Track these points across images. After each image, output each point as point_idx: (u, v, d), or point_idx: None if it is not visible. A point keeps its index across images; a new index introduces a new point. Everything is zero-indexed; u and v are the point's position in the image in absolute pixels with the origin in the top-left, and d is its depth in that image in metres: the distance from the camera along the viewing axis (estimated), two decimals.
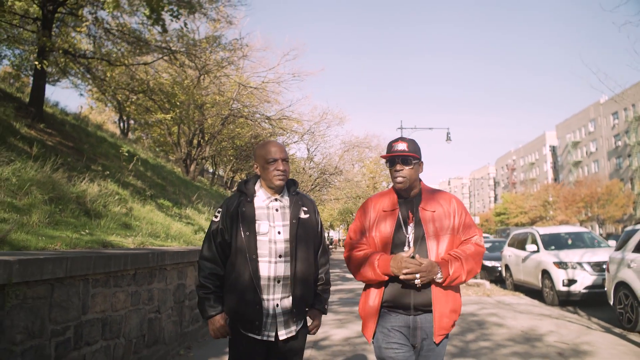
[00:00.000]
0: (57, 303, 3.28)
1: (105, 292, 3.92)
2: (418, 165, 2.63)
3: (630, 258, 7.81)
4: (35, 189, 6.26)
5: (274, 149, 2.67)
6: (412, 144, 2.63)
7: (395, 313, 2.53)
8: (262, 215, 2.61)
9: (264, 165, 2.65)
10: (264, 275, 2.54)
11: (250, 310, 2.52)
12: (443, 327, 2.49)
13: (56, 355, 3.25)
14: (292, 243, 2.61)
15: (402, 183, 2.58)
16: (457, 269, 2.46)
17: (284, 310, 2.58)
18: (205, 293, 2.61)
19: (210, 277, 2.62)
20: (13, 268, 2.76)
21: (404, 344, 2.51)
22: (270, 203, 2.66)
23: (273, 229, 2.60)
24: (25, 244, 3.95)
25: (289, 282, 2.58)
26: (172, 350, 5.36)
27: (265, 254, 2.56)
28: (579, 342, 6.36)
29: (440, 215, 2.57)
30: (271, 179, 2.64)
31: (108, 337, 3.96)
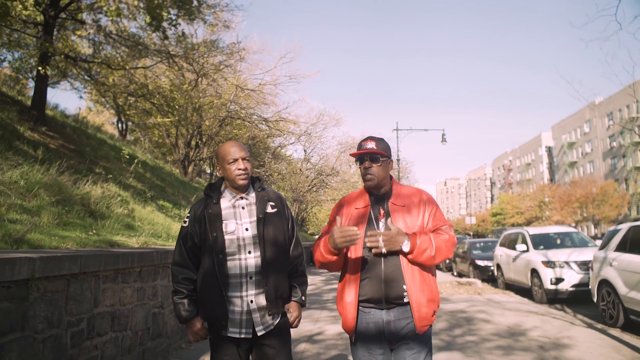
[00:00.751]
0: (73, 296, 3.59)
1: (114, 288, 4.24)
2: (387, 163, 2.68)
3: (612, 257, 8.15)
4: (42, 192, 6.57)
5: (233, 149, 2.71)
6: (381, 143, 2.68)
7: (368, 309, 2.56)
8: (228, 215, 2.67)
9: (225, 166, 2.70)
10: (235, 272, 2.59)
11: (217, 310, 2.58)
12: (423, 317, 2.50)
13: (72, 344, 3.57)
14: (262, 238, 2.64)
15: (371, 180, 2.62)
16: (424, 241, 2.46)
17: (259, 306, 2.61)
18: (179, 298, 2.68)
19: (183, 282, 2.69)
20: (36, 264, 3.07)
21: (381, 343, 2.55)
22: (236, 202, 2.72)
23: (240, 226, 2.65)
24: (40, 243, 4.27)
25: (261, 277, 2.61)
26: (174, 344, 5.68)
27: (234, 252, 2.61)
28: (561, 337, 6.70)
29: (410, 209, 2.62)
30: (234, 179, 2.68)
31: (117, 329, 4.28)
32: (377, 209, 2.65)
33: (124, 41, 13.88)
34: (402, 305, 2.51)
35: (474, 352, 5.81)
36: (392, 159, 2.74)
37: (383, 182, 2.67)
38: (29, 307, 3.09)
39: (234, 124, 25.82)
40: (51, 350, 3.31)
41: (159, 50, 14.23)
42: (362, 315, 2.56)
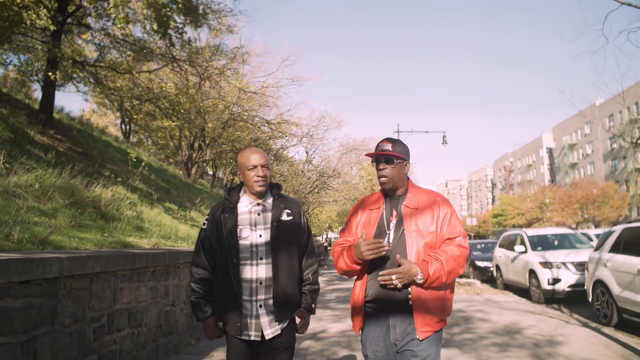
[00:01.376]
0: (95, 294, 3.86)
1: (130, 286, 4.51)
2: (402, 165, 2.66)
3: (606, 258, 8.40)
4: (57, 195, 6.84)
5: (254, 156, 2.77)
6: (398, 145, 2.68)
7: (377, 311, 2.57)
8: (244, 220, 2.73)
9: (245, 172, 2.77)
10: (246, 277, 2.65)
11: (232, 312, 2.66)
12: (425, 322, 2.47)
13: (94, 338, 3.84)
14: (275, 245, 2.70)
15: (386, 182, 2.63)
16: (437, 270, 2.42)
17: (268, 311, 2.66)
18: (196, 297, 2.77)
19: (200, 282, 2.77)
20: (64, 264, 3.34)
21: (385, 343, 2.55)
22: (252, 208, 2.77)
23: (254, 232, 2.71)
24: (61, 244, 4.54)
25: (271, 283, 2.66)
26: (184, 340, 5.94)
27: (247, 257, 2.67)
28: (555, 335, 6.96)
29: (423, 212, 2.59)
30: (252, 185, 2.74)
31: (133, 325, 4.55)
32: (390, 210, 2.64)
33: (130, 45, 14.15)
34: (408, 308, 2.50)
35: (470, 349, 6.07)
36: (408, 161, 2.72)
37: (398, 184, 2.66)
38: (58, 303, 3.36)
39: (237, 126, 26.07)
40: (77, 343, 3.58)
41: (164, 55, 14.50)
42: (370, 317, 2.60)
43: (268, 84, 25.75)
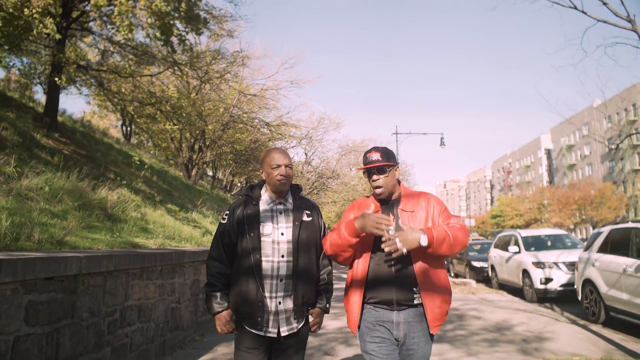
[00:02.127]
0: (108, 290, 4.16)
1: (140, 284, 4.80)
2: (394, 171, 2.75)
3: (594, 258, 8.71)
4: (66, 197, 7.13)
5: (278, 156, 2.85)
6: (385, 152, 2.75)
7: (378, 308, 2.63)
8: (266, 218, 2.77)
9: (268, 170, 2.82)
10: (267, 274, 2.69)
11: (253, 307, 2.67)
12: (436, 318, 2.60)
13: (108, 331, 4.13)
14: (294, 244, 2.75)
15: (382, 192, 2.71)
16: (440, 232, 2.51)
17: (286, 308, 2.71)
18: (212, 291, 2.80)
19: (217, 276, 2.80)
20: (82, 262, 3.64)
21: (387, 338, 2.61)
22: (274, 206, 2.83)
23: (276, 230, 2.76)
24: (75, 244, 4.84)
25: (290, 281, 2.72)
26: (189, 336, 6.24)
27: (268, 254, 2.71)
28: (544, 331, 7.26)
29: (419, 214, 2.68)
30: (275, 183, 2.80)
31: (142, 320, 4.84)
32: (387, 215, 2.68)
33: (132, 50, 14.45)
34: (412, 307, 2.60)
35: (462, 344, 6.37)
36: (397, 165, 2.80)
37: (392, 189, 2.75)
38: (77, 298, 3.66)
39: (237, 127, 26.36)
40: (93, 336, 3.88)
41: (165, 59, 14.80)
42: (371, 313, 2.66)
43: (268, 87, 26.05)
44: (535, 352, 5.91)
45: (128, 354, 4.52)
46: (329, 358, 5.61)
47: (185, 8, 9.96)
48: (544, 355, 5.76)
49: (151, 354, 5.06)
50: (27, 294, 3.11)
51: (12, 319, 2.96)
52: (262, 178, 2.92)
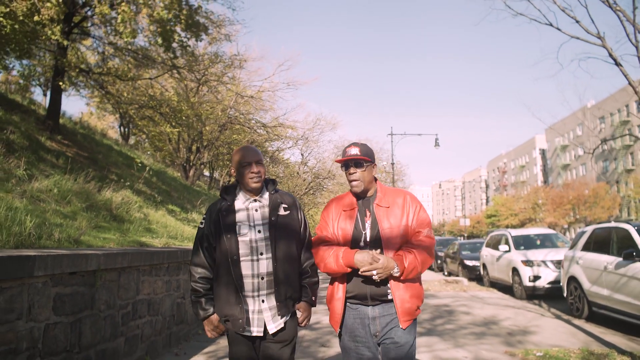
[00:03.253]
0: (122, 285, 4.53)
1: (149, 280, 5.17)
2: (371, 167, 2.79)
3: (578, 256, 9.11)
4: (74, 199, 7.49)
5: (247, 153, 2.81)
6: (364, 148, 2.80)
7: (356, 305, 2.72)
8: (242, 217, 2.77)
9: (239, 169, 2.80)
10: (247, 273, 2.69)
11: (234, 309, 2.70)
12: (406, 312, 2.65)
13: (122, 322, 4.51)
14: (272, 240, 2.75)
15: (357, 185, 2.76)
16: (411, 262, 2.59)
17: (270, 306, 2.72)
18: (196, 297, 2.79)
19: (200, 281, 2.78)
20: (100, 259, 4.01)
21: (366, 336, 2.69)
22: (249, 204, 2.82)
23: (253, 228, 2.76)
24: (89, 242, 5.20)
25: (272, 278, 2.72)
26: (192, 330, 6.61)
27: (247, 254, 2.70)
28: (529, 325, 7.67)
29: (394, 210, 2.74)
30: (247, 182, 2.78)
31: (151, 313, 5.21)
32: (364, 211, 2.78)
33: (133, 54, 14.80)
34: (386, 302, 2.67)
35: (450, 337, 6.76)
36: (375, 162, 2.85)
37: (369, 185, 2.80)
38: (96, 292, 4.03)
39: (234, 128, 26.70)
40: (109, 326, 4.25)
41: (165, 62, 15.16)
42: (349, 311, 2.74)
43: (264, 88, 26.40)
44: (518, 344, 6.31)
45: (139, 344, 4.89)
46: (324, 349, 5.99)
47: (186, 15, 10.33)
48: (526, 347, 6.15)
49: (159, 345, 5.43)
50: (55, 286, 3.47)
51: (43, 309, 3.33)
52: (236, 177, 2.88)
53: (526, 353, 5.72)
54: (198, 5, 11.19)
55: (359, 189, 2.77)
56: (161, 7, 9.67)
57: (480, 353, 5.82)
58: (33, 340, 3.22)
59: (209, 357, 5.50)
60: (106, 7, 9.15)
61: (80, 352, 3.77)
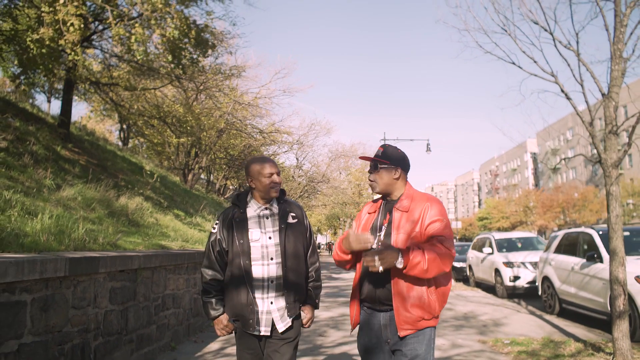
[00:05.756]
0: (154, 282, 5.42)
1: (174, 278, 6.07)
2: (389, 170, 2.74)
3: (551, 257, 10.07)
4: (97, 206, 8.35)
5: (269, 164, 2.96)
6: (388, 151, 2.79)
7: (370, 310, 2.73)
8: (254, 224, 2.91)
9: (260, 179, 2.91)
10: (258, 277, 2.84)
11: (245, 310, 2.82)
12: (404, 321, 2.56)
13: (154, 313, 5.40)
14: (282, 246, 2.90)
15: (371, 186, 2.81)
16: (417, 255, 2.43)
17: (279, 307, 2.86)
18: (207, 297, 2.92)
19: (211, 283, 2.92)
20: (140, 260, 4.90)
21: (379, 339, 2.68)
22: (261, 212, 2.96)
23: (264, 234, 2.90)
24: (123, 246, 6.07)
25: (281, 282, 2.87)
26: (206, 322, 7.51)
27: (258, 258, 2.85)
28: (503, 319, 8.62)
29: (412, 214, 2.66)
30: (267, 191, 2.92)
31: (175, 306, 6.11)
32: (385, 214, 2.77)
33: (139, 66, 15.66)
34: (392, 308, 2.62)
35: None
36: (399, 167, 2.78)
37: (387, 188, 2.78)
38: (137, 286, 4.93)
39: (231, 133, 27.54)
40: (146, 315, 5.15)
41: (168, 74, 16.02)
42: (365, 315, 2.77)
43: (261, 95, 27.28)
44: (490, 334, 7.25)
45: (166, 332, 5.79)
46: (322, 338, 6.90)
47: (195, 35, 11.21)
48: (497, 336, 7.09)
49: (180, 334, 6.33)
50: (110, 281, 4.37)
51: (103, 298, 4.23)
52: (251, 185, 2.99)
53: (496, 341, 6.66)
54: (205, 24, 12.07)
55: (373, 190, 2.82)
56: (172, 27, 10.54)
57: (457, 341, 6.74)
58: (97, 322, 4.12)
59: (223, 344, 6.39)
60: (122, 29, 10.01)
61: (127, 335, 4.67)
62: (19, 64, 11.28)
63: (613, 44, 5.60)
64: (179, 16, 10.54)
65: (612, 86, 5.65)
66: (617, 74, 5.59)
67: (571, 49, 5.92)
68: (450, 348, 6.34)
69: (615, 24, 5.61)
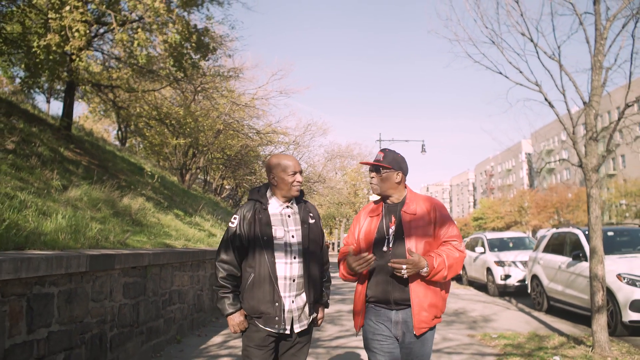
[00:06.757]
0: (162, 278, 5.76)
1: (179, 274, 6.41)
2: (390, 174, 2.83)
3: (540, 257, 10.45)
4: (103, 206, 8.67)
5: (294, 163, 2.96)
6: (389, 155, 2.88)
7: (379, 307, 2.78)
8: (277, 222, 2.88)
9: (283, 177, 2.90)
10: (281, 275, 2.82)
11: (271, 307, 2.79)
12: (422, 320, 2.67)
13: (162, 307, 5.75)
14: (305, 245, 2.89)
15: (374, 189, 2.87)
16: (440, 263, 2.62)
17: (298, 306, 2.85)
18: (224, 293, 2.86)
19: (229, 278, 2.87)
20: (150, 257, 5.24)
21: (388, 335, 2.74)
22: (283, 210, 2.94)
23: (287, 233, 2.88)
24: (131, 244, 6.41)
25: (302, 281, 2.86)
26: (208, 317, 7.85)
27: (281, 256, 2.83)
28: (492, 315, 8.99)
29: (421, 217, 2.75)
30: (290, 189, 2.91)
31: (181, 302, 6.46)
32: (390, 217, 2.84)
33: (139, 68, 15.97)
34: (409, 307, 2.71)
35: None
36: (400, 171, 2.88)
37: (388, 191, 2.86)
38: (146, 282, 5.27)
39: (228, 134, 27.84)
40: (154, 310, 5.49)
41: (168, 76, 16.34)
42: (371, 312, 2.83)
43: (258, 96, 27.61)
44: (479, 329, 7.61)
45: (172, 325, 6.13)
46: (319, 332, 7.24)
47: (196, 39, 11.54)
48: (485, 331, 7.46)
49: (185, 328, 6.67)
50: (124, 277, 4.71)
51: (117, 293, 4.57)
52: (272, 183, 2.98)
53: (484, 335, 7.03)
54: (205, 28, 12.41)
55: (375, 192, 2.90)
56: (174, 32, 10.86)
57: (448, 335, 7.10)
58: (113, 314, 4.46)
59: (226, 338, 6.74)
60: (126, 34, 10.32)
61: (138, 327, 5.01)
62: (25, 69, 11.55)
63: (594, 55, 5.98)
64: (180, 21, 10.86)
65: (592, 95, 6.03)
66: (597, 84, 5.97)
67: (555, 59, 6.29)
68: (441, 342, 6.69)
69: (596, 37, 5.98)
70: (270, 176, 2.95)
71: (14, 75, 23.90)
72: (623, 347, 6.19)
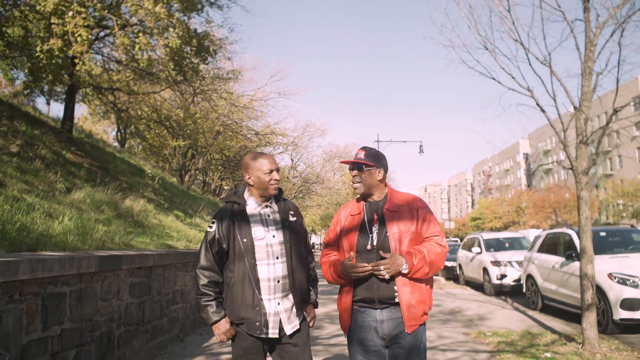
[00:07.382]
0: (165, 278, 5.95)
1: (182, 275, 6.59)
2: (374, 172, 2.80)
3: (535, 256, 10.64)
4: (106, 208, 8.84)
5: (269, 161, 2.91)
6: (370, 153, 2.85)
7: (364, 308, 2.74)
8: (256, 222, 2.82)
9: (259, 176, 2.84)
10: (264, 277, 2.75)
11: (251, 312, 2.72)
12: (412, 317, 2.66)
13: (166, 306, 5.92)
14: (287, 244, 2.84)
15: (357, 187, 2.85)
16: (420, 260, 2.61)
17: (286, 308, 2.78)
18: (207, 300, 2.77)
19: (210, 285, 2.78)
20: (154, 258, 5.42)
21: (374, 338, 2.72)
22: (262, 210, 2.88)
23: (268, 233, 2.81)
24: (135, 245, 6.59)
25: (287, 281, 2.80)
26: None
27: (263, 257, 2.76)
28: (487, 314, 9.18)
29: (403, 214, 2.75)
30: (267, 188, 2.85)
31: (184, 301, 6.64)
32: (372, 214, 2.81)
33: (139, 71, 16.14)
34: (394, 305, 2.68)
35: None
36: (382, 168, 2.86)
37: (371, 190, 2.84)
38: (151, 282, 5.45)
39: (227, 135, 28.01)
40: (159, 309, 5.67)
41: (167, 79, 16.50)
42: (357, 314, 2.77)
43: (257, 98, 27.79)
44: (474, 327, 7.81)
45: (176, 324, 6.31)
46: (318, 331, 7.43)
47: (196, 43, 11.72)
48: (480, 329, 7.65)
49: (187, 327, 6.85)
50: (130, 277, 4.89)
51: (124, 292, 4.75)
52: (249, 182, 2.91)
53: (479, 333, 7.22)
54: (205, 32, 12.58)
55: (358, 190, 2.87)
56: (174, 37, 11.03)
57: (443, 333, 7.29)
58: (120, 313, 4.64)
59: None
60: (127, 38, 10.49)
61: (143, 326, 5.19)
62: (29, 73, 11.73)
63: (584, 62, 6.17)
64: (181, 25, 11.04)
65: (582, 100, 6.23)
66: (587, 89, 6.16)
67: (546, 65, 6.49)
68: (437, 339, 6.89)
69: (586, 44, 6.17)
70: (247, 176, 2.90)
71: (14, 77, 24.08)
72: (612, 343, 6.39)
